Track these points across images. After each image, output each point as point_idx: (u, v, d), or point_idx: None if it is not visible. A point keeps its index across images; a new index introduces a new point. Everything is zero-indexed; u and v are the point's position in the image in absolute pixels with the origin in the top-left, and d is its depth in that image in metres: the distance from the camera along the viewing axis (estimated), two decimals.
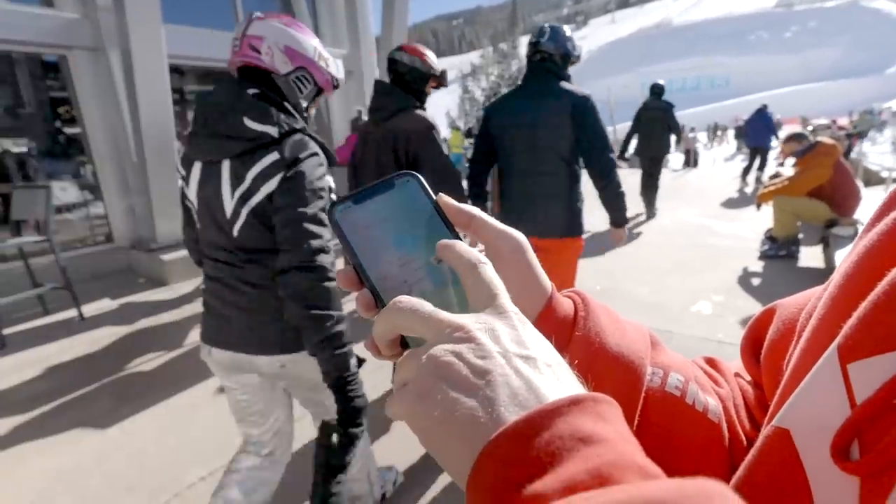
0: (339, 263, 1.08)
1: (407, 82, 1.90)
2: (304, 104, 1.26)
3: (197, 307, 3.81)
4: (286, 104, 1.18)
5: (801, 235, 4.18)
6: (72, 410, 2.47)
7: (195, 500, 1.78)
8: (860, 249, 0.25)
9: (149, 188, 4.64)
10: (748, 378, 0.41)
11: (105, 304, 4.10)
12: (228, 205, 1.13)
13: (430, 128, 1.83)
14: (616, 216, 2.11)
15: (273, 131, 1.09)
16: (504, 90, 26.67)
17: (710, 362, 0.41)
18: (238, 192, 1.11)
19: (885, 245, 0.24)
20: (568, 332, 0.32)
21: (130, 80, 4.32)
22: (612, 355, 0.32)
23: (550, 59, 2.01)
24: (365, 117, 4.18)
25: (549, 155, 1.98)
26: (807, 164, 3.98)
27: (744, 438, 0.35)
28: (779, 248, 4.19)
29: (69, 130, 5.21)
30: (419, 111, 1.88)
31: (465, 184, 2.12)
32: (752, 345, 0.39)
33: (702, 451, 0.34)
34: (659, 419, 0.33)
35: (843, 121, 13.24)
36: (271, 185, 1.09)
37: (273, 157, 1.09)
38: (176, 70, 6.24)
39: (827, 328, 0.25)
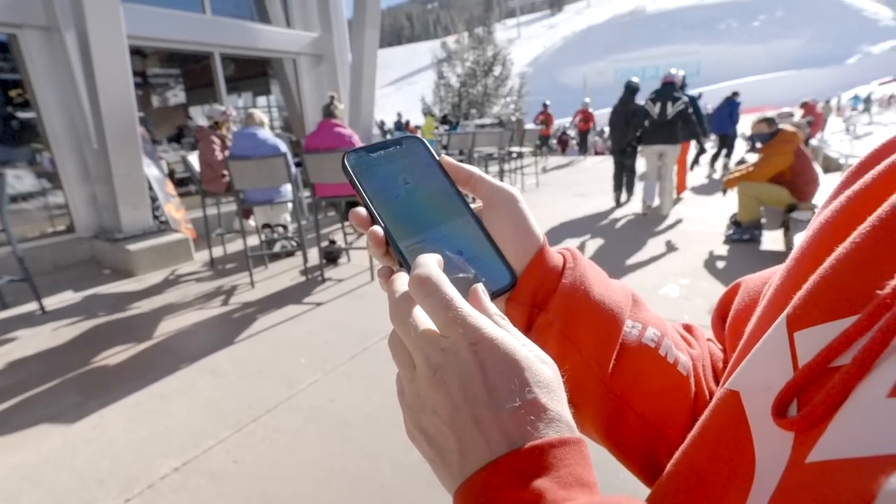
0: None
1: None
2: None
3: (165, 298, 3.72)
4: (677, 87, 5.55)
5: (763, 220, 4.35)
6: (36, 406, 2.40)
7: (170, 491, 1.77)
8: (815, 225, 0.27)
9: (111, 175, 4.45)
10: (719, 346, 0.45)
11: (68, 297, 3.95)
12: (670, 111, 5.33)
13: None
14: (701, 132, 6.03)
15: (679, 94, 5.42)
16: (479, 76, 25.91)
17: (687, 328, 0.44)
18: (672, 106, 5.33)
19: (837, 222, 0.25)
20: (555, 281, 0.34)
21: (88, 61, 4.09)
22: (595, 303, 0.35)
23: (678, 84, 5.56)
24: (338, 103, 4.09)
25: (682, 120, 5.32)
26: (769, 150, 4.13)
27: (708, 395, 0.39)
28: (743, 233, 4.35)
29: (22, 115, 4.93)
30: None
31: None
32: (721, 315, 0.43)
33: (668, 398, 0.37)
34: (633, 366, 0.36)
35: (818, 106, 13.76)
36: (680, 105, 5.32)
37: (681, 100, 5.35)
38: (137, 52, 5.97)
39: (780, 298, 0.27)
